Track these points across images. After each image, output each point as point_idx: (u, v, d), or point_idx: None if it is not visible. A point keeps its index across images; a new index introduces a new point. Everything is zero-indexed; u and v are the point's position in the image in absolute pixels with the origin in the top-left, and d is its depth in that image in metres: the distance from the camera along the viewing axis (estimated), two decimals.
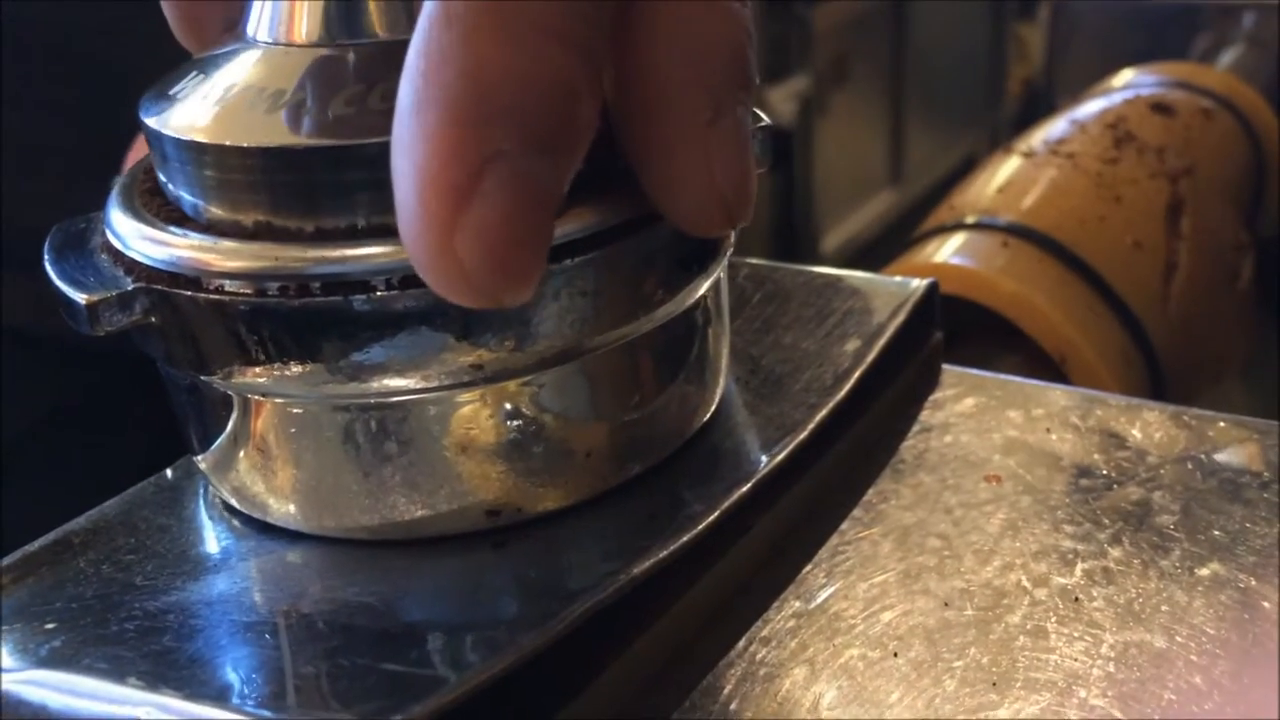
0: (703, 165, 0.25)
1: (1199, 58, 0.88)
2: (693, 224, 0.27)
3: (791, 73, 1.96)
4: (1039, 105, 1.19)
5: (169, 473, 0.32)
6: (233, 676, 0.25)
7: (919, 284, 0.38)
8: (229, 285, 0.25)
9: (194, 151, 0.26)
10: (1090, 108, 0.60)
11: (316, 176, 0.25)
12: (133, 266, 0.27)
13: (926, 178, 2.26)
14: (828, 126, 2.04)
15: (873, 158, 2.25)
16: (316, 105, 0.26)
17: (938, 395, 0.38)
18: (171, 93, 0.28)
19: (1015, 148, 0.56)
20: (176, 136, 0.27)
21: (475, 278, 0.22)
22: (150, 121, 0.28)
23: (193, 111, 0.27)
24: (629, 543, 0.28)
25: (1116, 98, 0.62)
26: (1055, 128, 0.58)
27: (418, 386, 0.26)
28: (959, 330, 0.48)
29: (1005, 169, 0.55)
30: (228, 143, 0.26)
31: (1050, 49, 1.11)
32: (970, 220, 0.50)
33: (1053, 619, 0.29)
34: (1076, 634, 0.28)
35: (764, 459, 0.31)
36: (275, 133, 0.25)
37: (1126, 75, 0.68)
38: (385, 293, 0.25)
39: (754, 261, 0.41)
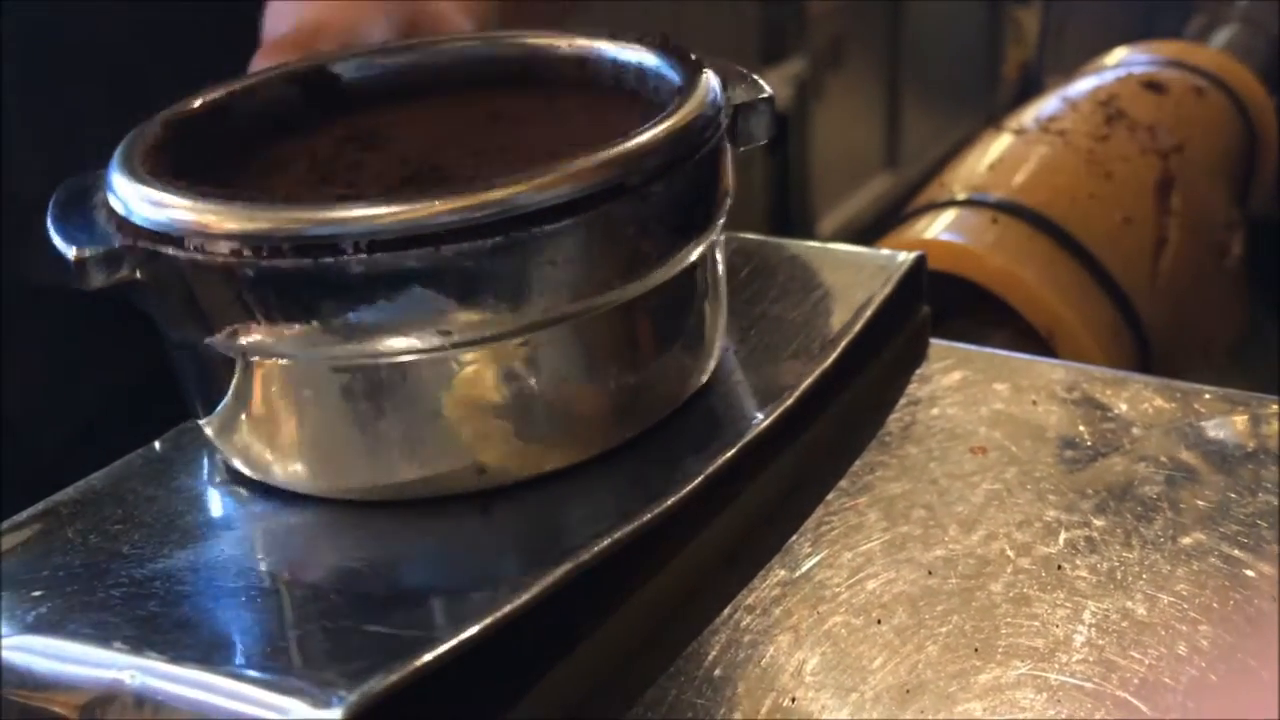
0: None
1: (1193, 38, 0.88)
2: None
3: (787, 56, 1.96)
4: (1035, 88, 1.19)
5: (157, 445, 0.32)
6: (218, 640, 0.25)
7: (906, 257, 0.38)
8: (222, 245, 0.26)
9: None
10: (1082, 85, 0.60)
11: None
12: (124, 224, 0.27)
13: (922, 161, 2.25)
14: (823, 110, 2.04)
15: (869, 141, 2.25)
16: None
17: (926, 369, 0.38)
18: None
19: (1006, 125, 0.56)
20: None
21: None
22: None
23: None
24: (617, 507, 0.28)
25: (1108, 76, 0.62)
26: (1046, 105, 0.58)
27: (412, 347, 0.26)
28: (949, 306, 0.48)
29: (996, 146, 0.55)
30: None
31: (1043, 31, 1.11)
32: (961, 197, 0.50)
33: (1035, 587, 0.29)
34: (1059, 601, 0.28)
35: (751, 425, 0.31)
36: None
37: (1119, 54, 0.68)
38: (377, 254, 0.25)
39: (744, 236, 0.41)
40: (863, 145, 2.25)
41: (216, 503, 0.30)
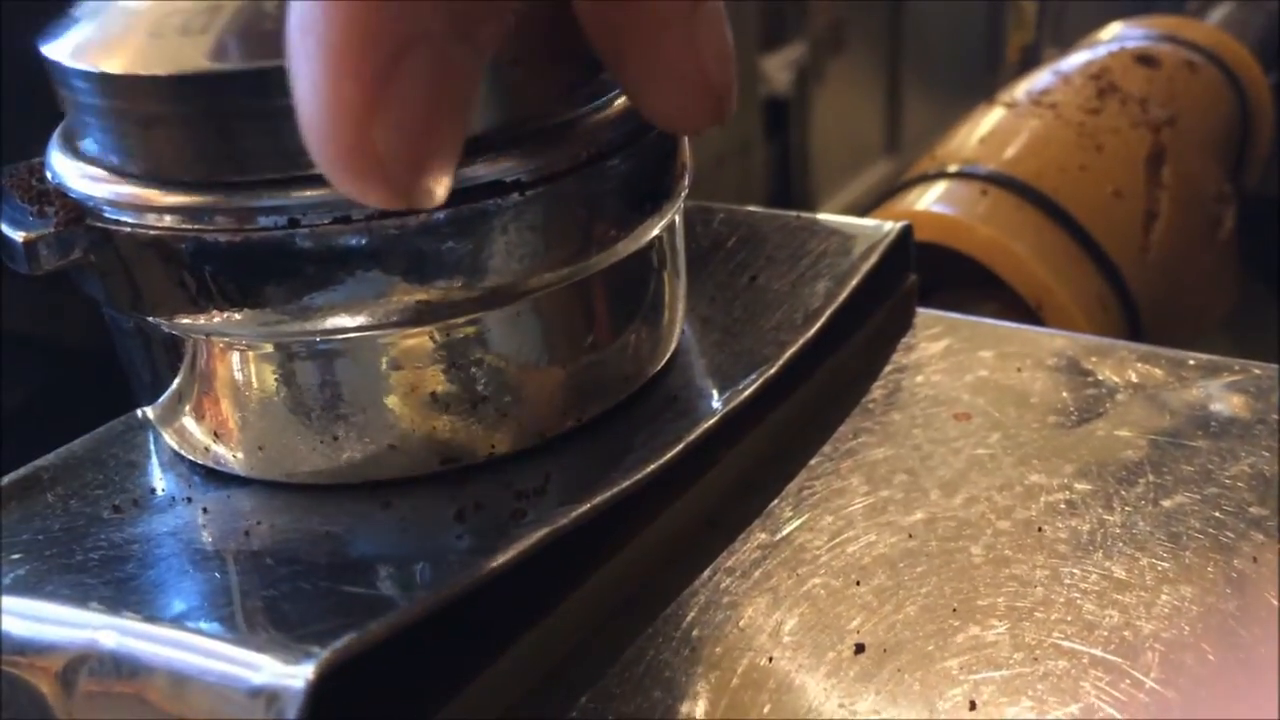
0: (689, 51, 0.24)
1: (1192, 14, 0.87)
2: (680, 116, 0.26)
3: (787, 40, 1.95)
4: None
5: (139, 411, 0.32)
6: (193, 601, 0.25)
7: (893, 226, 0.38)
8: (169, 220, 0.25)
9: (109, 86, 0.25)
10: (1075, 59, 0.60)
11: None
12: (73, 204, 0.26)
13: (923, 146, 2.24)
14: (824, 95, 2.03)
15: (870, 126, 2.25)
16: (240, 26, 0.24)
17: (912, 338, 0.38)
18: (75, 15, 0.27)
19: (998, 99, 0.56)
20: (87, 69, 0.25)
21: (392, 170, 0.20)
22: (49, 51, 0.26)
23: (104, 40, 0.25)
24: (583, 480, 0.28)
25: (1101, 50, 0.61)
26: (1039, 79, 0.57)
27: (362, 324, 0.26)
28: (938, 279, 0.48)
29: (988, 119, 0.55)
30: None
31: (1042, 13, 1.11)
32: (951, 169, 0.50)
33: (1015, 549, 0.29)
34: (1038, 563, 0.28)
35: (729, 395, 0.31)
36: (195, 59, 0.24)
37: (1114, 28, 0.68)
38: (329, 226, 0.25)
39: (730, 206, 0.41)
40: (863, 130, 2.25)
41: (195, 471, 0.30)
